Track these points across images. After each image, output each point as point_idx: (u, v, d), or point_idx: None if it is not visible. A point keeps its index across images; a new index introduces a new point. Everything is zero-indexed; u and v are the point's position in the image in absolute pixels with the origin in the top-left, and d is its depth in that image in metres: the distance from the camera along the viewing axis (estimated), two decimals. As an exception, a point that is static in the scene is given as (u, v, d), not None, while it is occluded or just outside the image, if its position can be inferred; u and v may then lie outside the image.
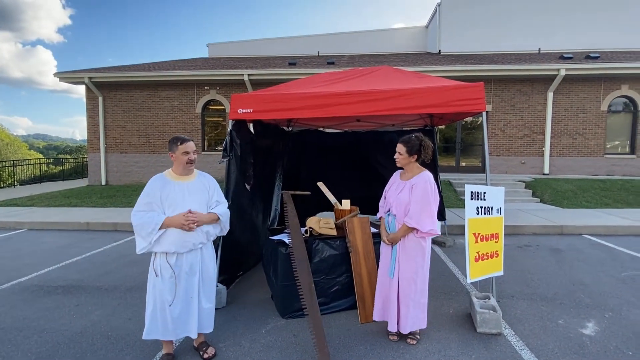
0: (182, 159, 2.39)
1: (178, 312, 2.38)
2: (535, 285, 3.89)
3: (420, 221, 2.55)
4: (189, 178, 2.47)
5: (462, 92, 3.19)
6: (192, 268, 2.42)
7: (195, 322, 2.43)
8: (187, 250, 2.37)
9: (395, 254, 2.70)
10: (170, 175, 2.45)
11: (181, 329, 2.42)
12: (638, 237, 5.86)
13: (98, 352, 2.64)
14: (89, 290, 3.84)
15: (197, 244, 2.41)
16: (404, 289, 2.67)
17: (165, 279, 2.35)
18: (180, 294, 2.38)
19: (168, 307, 2.35)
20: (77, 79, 11.66)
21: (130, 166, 11.97)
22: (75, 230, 6.76)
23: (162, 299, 2.36)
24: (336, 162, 5.79)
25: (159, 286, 2.36)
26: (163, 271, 2.35)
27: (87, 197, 9.48)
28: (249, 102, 3.42)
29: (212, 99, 11.79)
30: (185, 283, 2.39)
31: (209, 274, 2.53)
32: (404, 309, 2.67)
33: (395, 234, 2.67)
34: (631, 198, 8.25)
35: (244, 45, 16.84)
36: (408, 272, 2.66)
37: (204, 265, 2.49)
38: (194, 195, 2.43)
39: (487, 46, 13.40)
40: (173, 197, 2.36)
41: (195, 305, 2.43)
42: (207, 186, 2.53)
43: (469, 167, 11.63)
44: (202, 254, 2.48)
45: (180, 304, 2.38)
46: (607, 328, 2.95)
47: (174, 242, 2.33)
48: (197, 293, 2.44)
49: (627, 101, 10.87)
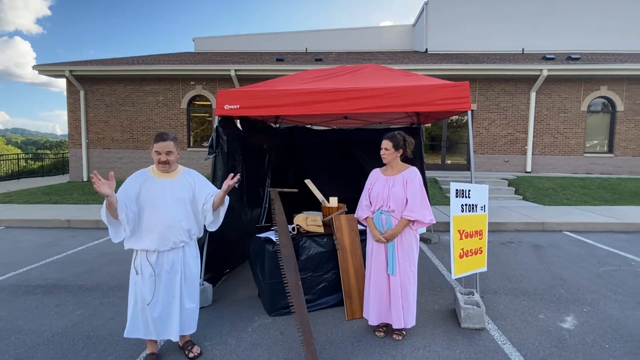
0: (155, 158, 2.32)
1: (158, 312, 2.32)
2: (518, 280, 3.99)
3: (421, 213, 2.59)
4: (172, 175, 2.40)
5: (447, 91, 3.23)
6: (174, 267, 2.36)
7: (177, 324, 2.37)
8: (167, 248, 2.32)
9: (393, 250, 2.68)
10: (153, 172, 2.39)
11: (161, 330, 2.36)
12: (615, 234, 6.07)
13: (79, 352, 2.58)
14: (70, 290, 3.74)
15: (178, 242, 2.35)
16: (404, 284, 2.69)
17: (145, 278, 2.30)
18: (161, 293, 2.32)
19: (147, 307, 2.30)
20: (58, 71, 11.31)
21: (113, 162, 11.71)
22: (56, 227, 6.58)
23: (142, 298, 2.31)
24: (324, 159, 5.79)
25: (139, 285, 2.31)
26: (143, 269, 2.30)
27: (68, 194, 9.24)
28: (236, 98, 3.38)
29: (198, 95, 11.61)
30: (166, 282, 2.34)
31: (191, 273, 2.47)
32: (406, 304, 2.70)
33: (394, 229, 2.65)
34: (608, 196, 8.52)
35: (231, 40, 16.63)
36: (407, 266, 2.69)
37: (186, 264, 2.43)
38: (175, 193, 2.36)
39: (473, 46, 13.58)
40: (153, 194, 2.31)
41: (177, 306, 2.37)
42: (191, 184, 2.45)
43: (454, 165, 11.80)
44: (184, 253, 2.42)
45: (160, 303, 2.33)
46: (585, 322, 3.04)
47: (154, 240, 2.28)
48: (179, 293, 2.39)
49: (606, 101, 11.20)
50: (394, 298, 2.69)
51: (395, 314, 2.70)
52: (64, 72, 11.08)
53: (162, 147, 2.30)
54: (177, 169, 2.45)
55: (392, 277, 2.70)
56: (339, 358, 2.49)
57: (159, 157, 2.30)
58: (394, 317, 2.71)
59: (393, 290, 2.70)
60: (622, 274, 4.19)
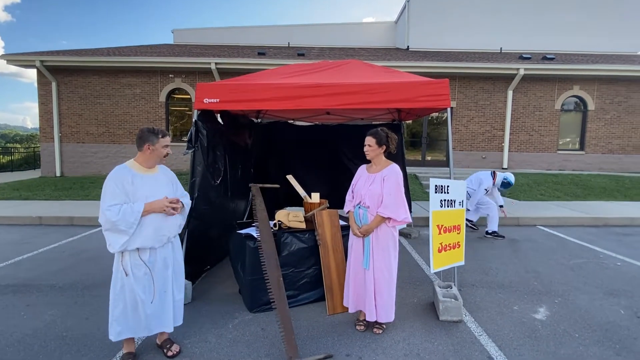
0: (161, 152, 2.34)
1: (154, 308, 2.31)
2: (494, 274, 4.11)
3: (395, 210, 2.63)
4: (153, 171, 2.39)
5: (428, 88, 3.27)
6: (166, 262, 2.38)
7: (171, 316, 2.39)
8: (161, 244, 2.33)
9: (368, 245, 2.74)
10: (136, 168, 2.32)
11: (155, 324, 2.35)
12: (585, 228, 6.33)
13: (52, 354, 2.49)
14: (42, 289, 3.60)
15: (171, 237, 2.39)
16: (379, 279, 2.72)
17: (138, 277, 2.25)
18: (158, 289, 2.32)
19: (143, 306, 2.27)
20: (28, 62, 10.80)
21: (88, 157, 11.31)
22: (27, 225, 6.31)
23: (135, 299, 2.25)
24: (306, 154, 5.77)
25: (129, 286, 2.24)
26: (134, 269, 2.24)
27: (40, 190, 8.87)
28: (216, 91, 3.32)
29: (177, 88, 11.34)
30: (159, 278, 2.34)
31: (179, 266, 2.51)
32: (380, 299, 2.73)
33: (368, 225, 2.71)
34: (579, 191, 8.88)
35: (211, 32, 16.30)
36: (382, 262, 2.73)
37: (175, 258, 2.46)
38: (164, 187, 2.38)
39: (454, 44, 13.81)
40: (145, 190, 2.27)
41: (170, 299, 2.39)
42: (170, 179, 2.48)
43: (434, 161, 12.00)
44: (173, 247, 2.45)
45: (157, 300, 2.33)
46: (556, 313, 3.17)
47: (149, 236, 2.25)
48: (172, 287, 2.41)
49: (578, 101, 11.63)
50: (367, 291, 2.75)
51: (369, 307, 2.76)
52: (34, 62, 10.60)
53: (169, 141, 2.40)
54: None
55: (367, 271, 2.76)
56: (320, 353, 2.50)
57: (167, 150, 2.37)
58: (367, 310, 2.77)
59: (367, 284, 2.76)
60: (591, 266, 4.38)
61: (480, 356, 2.50)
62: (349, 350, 2.55)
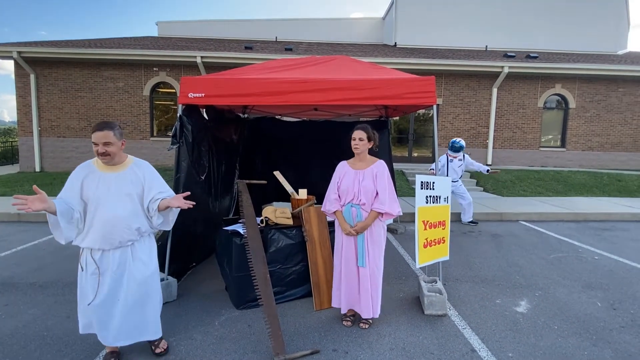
0: (94, 150, 2.12)
1: (98, 314, 2.17)
2: (477, 268, 4.19)
3: (391, 205, 2.65)
4: (119, 169, 2.20)
5: (414, 85, 3.29)
6: (121, 266, 2.20)
7: (115, 328, 2.20)
8: (113, 247, 2.16)
9: (363, 242, 2.71)
10: (97, 165, 2.19)
11: (111, 336, 2.21)
12: (565, 223, 6.52)
13: (32, 354, 2.44)
14: (21, 288, 3.51)
15: (125, 241, 2.18)
16: (374, 275, 2.73)
17: (88, 275, 2.16)
18: (103, 294, 2.16)
19: (87, 306, 2.16)
20: (4, 53, 10.37)
21: (69, 152, 11.00)
22: (4, 222, 6.12)
23: (85, 295, 2.18)
24: (293, 150, 5.75)
25: (82, 282, 2.19)
26: (88, 266, 2.17)
27: (19, 185, 8.60)
28: (201, 86, 3.26)
29: (161, 81, 11.11)
30: (110, 282, 2.17)
31: (142, 273, 2.25)
32: (375, 294, 2.76)
33: (364, 222, 2.68)
34: (560, 187, 9.13)
35: (196, 25, 15.98)
36: (376, 258, 2.75)
37: (137, 263, 2.24)
38: (122, 188, 2.17)
39: (440, 41, 13.91)
40: (95, 190, 2.13)
41: (127, 309, 2.21)
42: (140, 178, 2.24)
43: (420, 157, 12.12)
44: (134, 250, 2.24)
45: (102, 305, 2.16)
46: (537, 306, 3.26)
47: (97, 238, 2.12)
48: (132, 295, 2.22)
49: (560, 99, 11.91)
50: (364, 289, 2.72)
51: (365, 305, 2.74)
52: (11, 53, 10.20)
53: (99, 138, 2.08)
54: (124, 161, 2.24)
55: (361, 268, 2.73)
56: (306, 348, 2.51)
57: (97, 149, 2.10)
58: (363, 307, 2.76)
59: (362, 282, 2.73)
60: (570, 260, 4.51)
61: (464, 349, 2.56)
62: (335, 346, 2.57)
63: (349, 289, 2.82)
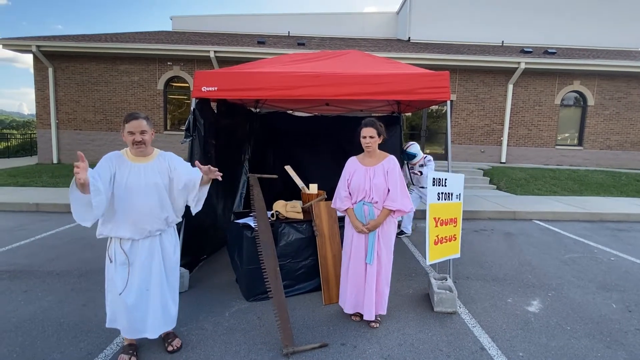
0: (128, 140, 2.17)
1: (132, 303, 2.20)
2: (489, 266, 4.15)
3: (402, 202, 2.62)
4: (148, 159, 2.25)
5: (428, 81, 3.25)
6: (150, 256, 2.25)
7: (153, 319, 2.26)
8: (143, 236, 2.21)
9: (373, 240, 2.67)
10: (127, 155, 2.24)
11: (138, 327, 2.24)
12: (580, 223, 6.38)
13: (49, 339, 2.52)
14: (39, 275, 3.62)
15: (154, 230, 2.24)
16: (380, 273, 2.71)
17: (117, 266, 2.20)
18: (135, 284, 2.21)
19: (118, 297, 2.19)
20: (24, 47, 10.64)
21: (85, 144, 11.24)
22: (24, 211, 6.30)
23: (115, 287, 2.21)
24: (304, 146, 5.75)
25: (111, 274, 2.22)
26: (117, 257, 2.20)
27: (37, 177, 8.83)
28: (214, 79, 3.28)
29: (175, 76, 11.23)
30: (140, 272, 2.22)
31: (170, 262, 2.35)
32: (379, 293, 2.73)
33: (377, 220, 2.64)
34: (576, 187, 8.92)
35: (210, 20, 16.06)
36: (387, 255, 2.72)
37: (164, 253, 2.31)
38: (151, 178, 2.22)
39: (455, 36, 13.68)
40: (128, 180, 2.16)
41: (153, 299, 2.26)
42: (167, 168, 2.29)
43: (433, 154, 11.87)
44: (162, 240, 2.31)
45: (134, 295, 2.21)
46: (549, 306, 3.21)
47: (128, 228, 2.16)
48: (159, 285, 2.27)
49: (578, 96, 11.60)
50: (369, 287, 2.69)
51: (367, 305, 2.69)
52: (30, 47, 10.44)
53: (135, 127, 2.14)
54: (152, 152, 2.30)
55: (369, 266, 2.70)
56: (315, 342, 2.53)
57: (133, 138, 2.14)
58: (365, 308, 2.71)
59: (369, 280, 2.69)
60: (585, 260, 4.42)
61: (473, 347, 2.54)
62: (344, 340, 2.59)
63: (355, 288, 2.76)
